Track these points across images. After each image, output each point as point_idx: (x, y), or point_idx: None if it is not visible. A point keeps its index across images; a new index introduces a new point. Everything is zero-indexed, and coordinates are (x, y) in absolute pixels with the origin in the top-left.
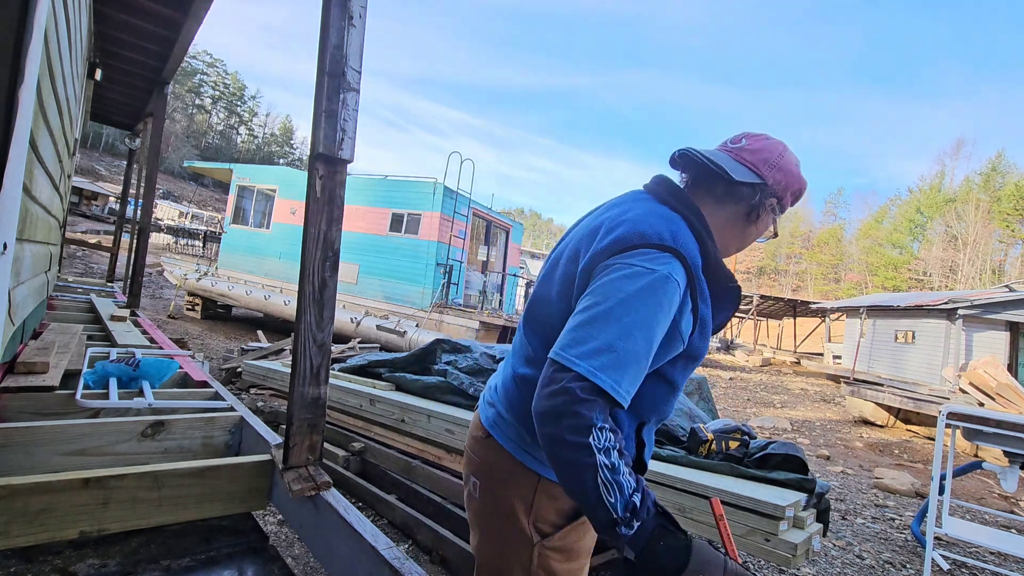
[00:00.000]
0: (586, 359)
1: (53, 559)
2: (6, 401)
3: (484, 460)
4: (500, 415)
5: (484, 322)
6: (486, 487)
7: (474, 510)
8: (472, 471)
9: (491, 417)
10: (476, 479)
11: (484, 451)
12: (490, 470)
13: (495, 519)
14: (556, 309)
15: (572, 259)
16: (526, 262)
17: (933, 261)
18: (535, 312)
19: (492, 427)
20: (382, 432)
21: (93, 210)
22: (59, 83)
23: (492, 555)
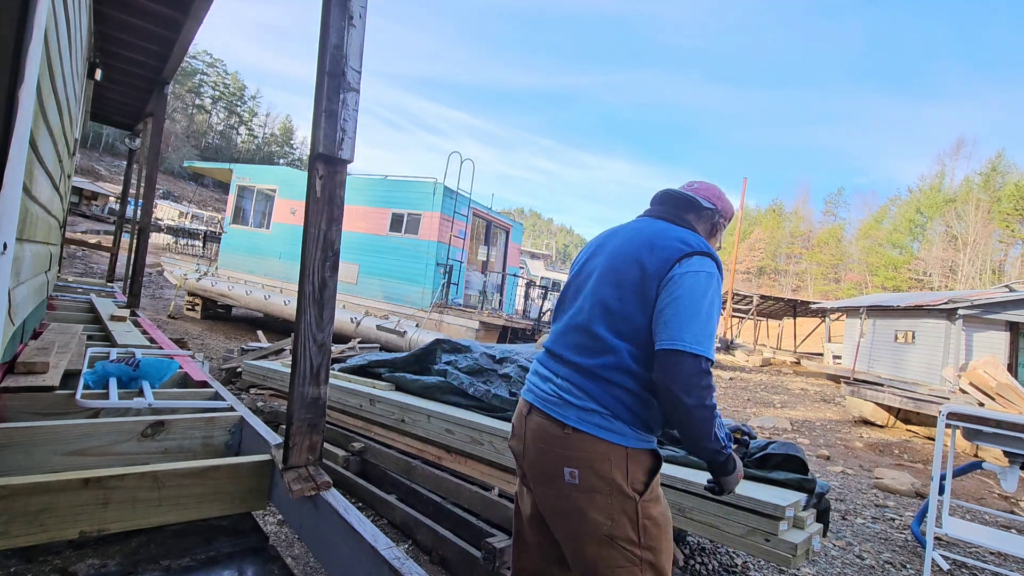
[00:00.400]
0: (706, 348)
1: (53, 559)
2: (6, 401)
3: (579, 450)
4: (585, 409)
5: (484, 322)
6: (587, 471)
7: (574, 494)
8: (566, 463)
9: (574, 414)
10: (574, 468)
11: (574, 443)
12: (588, 456)
13: (599, 494)
14: (634, 310)
15: (632, 270)
16: (526, 262)
17: (933, 261)
18: (608, 316)
19: (579, 422)
20: (382, 432)
21: (93, 210)
22: (59, 83)
23: (601, 523)
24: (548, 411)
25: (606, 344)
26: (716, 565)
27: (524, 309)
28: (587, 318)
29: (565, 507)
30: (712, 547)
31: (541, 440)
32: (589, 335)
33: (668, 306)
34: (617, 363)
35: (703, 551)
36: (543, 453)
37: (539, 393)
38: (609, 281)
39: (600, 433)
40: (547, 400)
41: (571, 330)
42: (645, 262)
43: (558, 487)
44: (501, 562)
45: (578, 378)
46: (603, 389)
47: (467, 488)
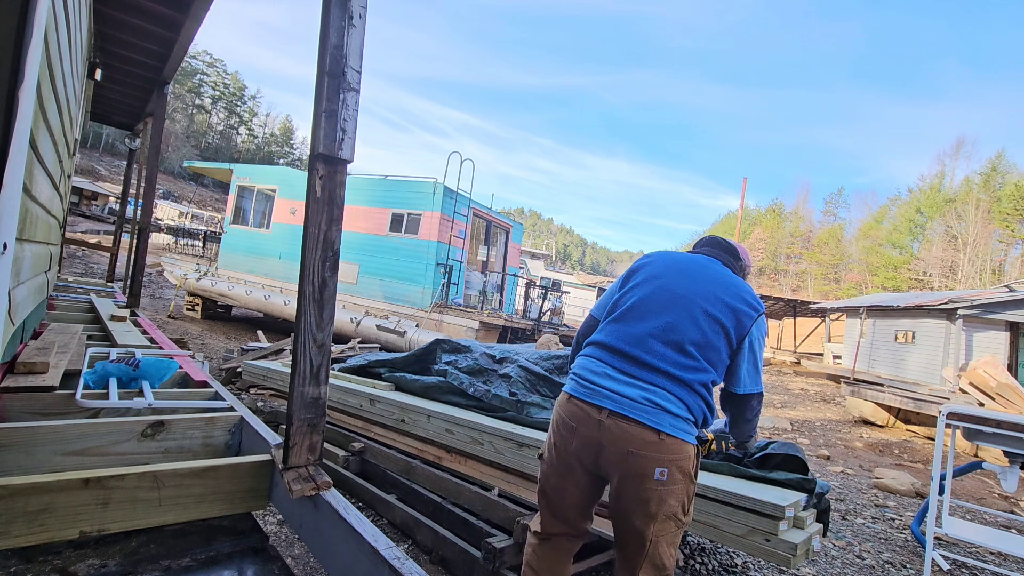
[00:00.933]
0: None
1: (53, 559)
2: (6, 401)
3: (670, 453)
4: (679, 417)
5: (484, 322)
6: (675, 469)
7: (660, 488)
8: (658, 464)
9: (668, 421)
10: (664, 468)
11: (665, 447)
12: (677, 458)
13: (679, 485)
14: (721, 346)
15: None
16: (526, 262)
17: (933, 261)
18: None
19: (672, 429)
20: (382, 432)
21: (93, 210)
22: (59, 83)
23: (674, 506)
24: (639, 418)
25: (701, 365)
26: (716, 565)
27: (524, 309)
28: (681, 338)
29: (648, 497)
30: (712, 547)
31: (631, 444)
32: (685, 354)
33: (746, 359)
34: (706, 381)
35: (703, 551)
36: (634, 456)
37: (618, 400)
38: (701, 310)
39: (686, 437)
40: (635, 407)
41: (658, 341)
42: (737, 309)
43: (647, 484)
44: (501, 562)
45: (672, 385)
46: (695, 400)
47: (467, 488)
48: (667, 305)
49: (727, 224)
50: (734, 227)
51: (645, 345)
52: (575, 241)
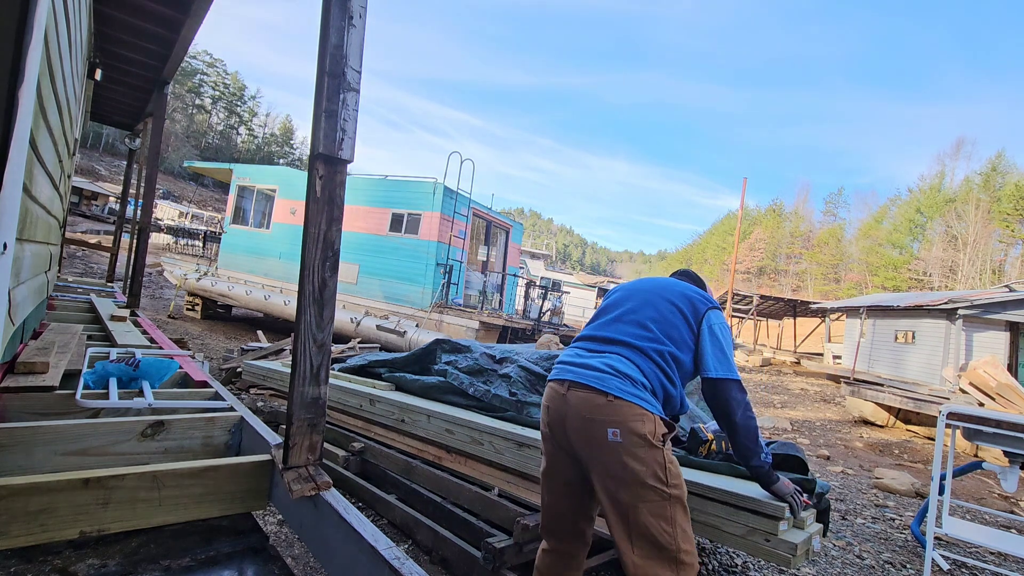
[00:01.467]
0: (736, 372)
1: (53, 559)
2: (6, 401)
3: (619, 413)
4: (627, 378)
5: (484, 322)
6: (628, 431)
7: (618, 450)
8: (608, 425)
9: (616, 385)
10: (615, 428)
11: (613, 408)
12: (626, 418)
13: (637, 447)
14: (680, 325)
15: (680, 301)
16: (526, 262)
17: (933, 261)
18: (659, 320)
19: (621, 392)
20: (382, 432)
21: (93, 210)
22: (59, 83)
23: (639, 470)
24: (590, 383)
25: (657, 336)
26: (716, 565)
27: (524, 309)
28: (640, 317)
29: (607, 461)
30: (712, 547)
31: (584, 410)
32: (643, 327)
33: (709, 342)
34: (662, 351)
35: (703, 551)
36: (587, 421)
37: (579, 371)
38: (660, 298)
39: (635, 400)
40: (589, 375)
41: (621, 323)
42: (693, 300)
43: (604, 447)
44: (501, 562)
45: (628, 352)
46: (648, 365)
47: (467, 488)
48: (628, 298)
49: (727, 224)
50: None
51: (609, 327)
52: (575, 241)
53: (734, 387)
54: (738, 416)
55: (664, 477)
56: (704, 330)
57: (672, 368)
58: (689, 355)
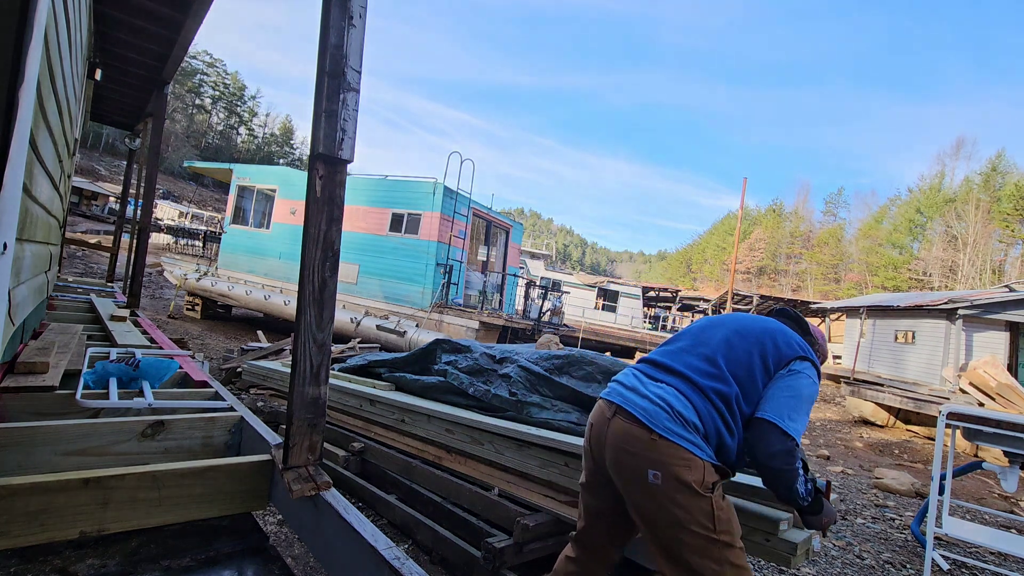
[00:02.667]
0: (797, 434)
1: (53, 559)
2: (6, 401)
3: (663, 454)
4: (679, 419)
5: (484, 322)
6: (670, 475)
7: (656, 493)
8: (650, 466)
9: (664, 423)
10: (656, 471)
11: (657, 448)
12: (670, 461)
13: (679, 494)
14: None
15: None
16: (526, 262)
17: (933, 261)
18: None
19: (667, 431)
20: (382, 432)
21: (93, 210)
22: (59, 83)
23: (680, 517)
24: (636, 414)
25: (722, 375)
26: None
27: (524, 309)
28: (710, 351)
29: (645, 503)
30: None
31: (625, 442)
32: (709, 362)
33: (781, 388)
34: (725, 393)
35: None
36: (626, 454)
37: (628, 397)
38: (743, 338)
39: (683, 443)
40: (638, 404)
41: (688, 353)
42: (779, 343)
43: (642, 486)
44: (501, 562)
45: (684, 386)
46: (706, 406)
47: (467, 488)
48: (706, 328)
49: (727, 224)
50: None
51: (675, 355)
52: (575, 241)
53: (776, 434)
54: (767, 455)
55: (711, 525)
56: (784, 374)
57: (733, 415)
58: (754, 398)
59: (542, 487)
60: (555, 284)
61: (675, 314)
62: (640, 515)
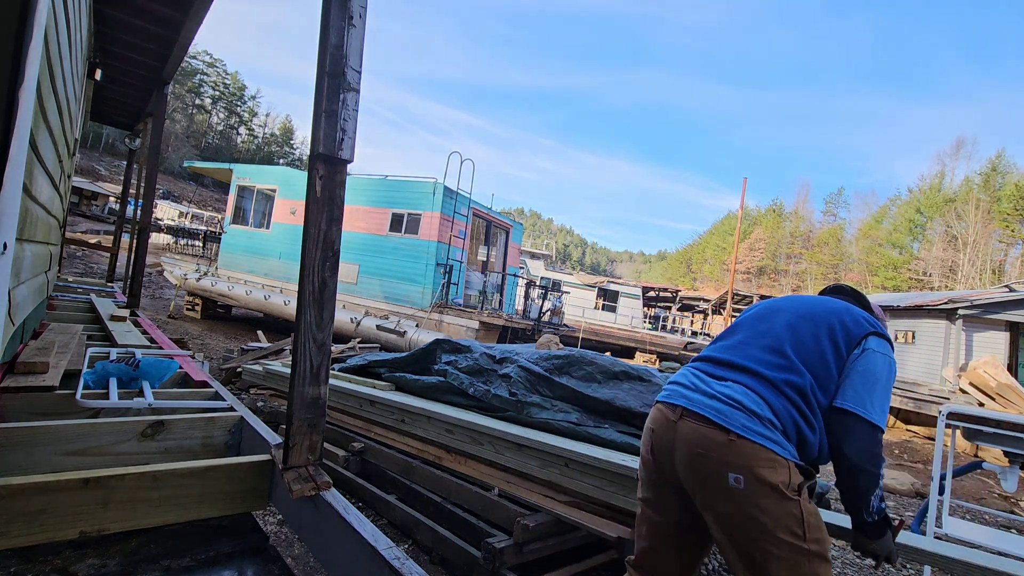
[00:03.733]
0: (882, 420)
1: (53, 559)
2: (6, 401)
3: (744, 456)
4: (754, 416)
5: (484, 322)
6: (752, 477)
7: (738, 498)
8: (730, 469)
9: (741, 422)
10: (738, 474)
11: (737, 449)
12: (752, 463)
13: (765, 498)
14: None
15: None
16: (526, 262)
17: (933, 261)
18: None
19: (746, 431)
20: (382, 432)
21: (93, 210)
22: (59, 83)
23: (766, 523)
24: (708, 415)
25: (793, 365)
26: (716, 565)
27: (524, 309)
28: (775, 340)
29: (729, 510)
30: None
31: (699, 446)
32: (777, 353)
33: (858, 372)
34: (799, 384)
35: None
36: (702, 459)
37: (693, 398)
38: (808, 321)
39: (764, 442)
40: (707, 404)
41: (750, 345)
42: (847, 322)
43: (723, 492)
44: (501, 562)
45: (754, 382)
46: (781, 402)
47: (467, 488)
48: (765, 317)
49: (727, 224)
50: (734, 227)
51: (736, 349)
52: (575, 241)
53: (864, 428)
54: (855, 451)
55: (801, 532)
56: (857, 355)
57: (811, 407)
58: (830, 385)
59: (542, 487)
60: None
61: (675, 314)
62: (720, 526)
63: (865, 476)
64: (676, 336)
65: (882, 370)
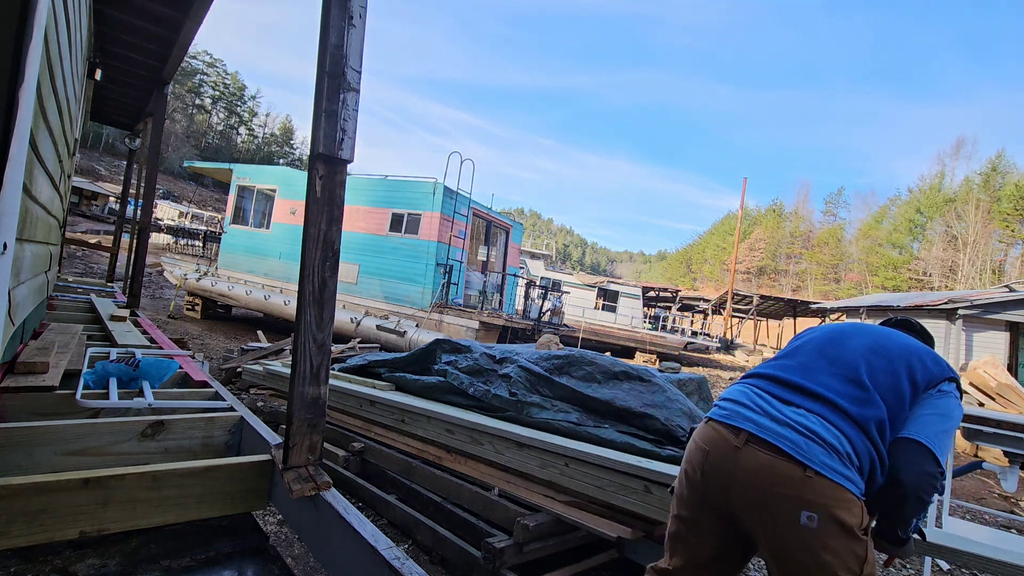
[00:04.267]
0: (944, 461)
1: (53, 559)
2: (6, 401)
3: (820, 494)
4: (834, 453)
5: (484, 322)
6: (828, 517)
7: (808, 538)
8: (804, 507)
9: (821, 458)
10: (812, 512)
11: (812, 487)
12: (829, 502)
13: (835, 538)
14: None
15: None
16: (526, 262)
17: (933, 261)
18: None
19: (825, 468)
20: (382, 432)
21: (93, 210)
22: (59, 83)
23: (833, 563)
24: (784, 447)
25: (873, 398)
26: None
27: (524, 309)
28: (851, 370)
29: (793, 547)
30: None
31: (769, 480)
32: (854, 383)
33: (930, 408)
34: (878, 419)
35: None
36: (771, 496)
37: (764, 424)
38: (881, 355)
39: (843, 482)
40: (781, 434)
41: (822, 372)
42: (927, 363)
43: (789, 527)
44: (501, 562)
45: (831, 413)
46: (861, 439)
47: (467, 488)
48: (834, 341)
49: (727, 224)
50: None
51: (808, 373)
52: (575, 241)
53: (928, 460)
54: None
55: (859, 570)
56: (933, 393)
57: (885, 443)
58: (902, 421)
59: (542, 487)
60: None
61: (675, 314)
62: (779, 563)
63: (915, 504)
64: (676, 336)
65: (955, 414)
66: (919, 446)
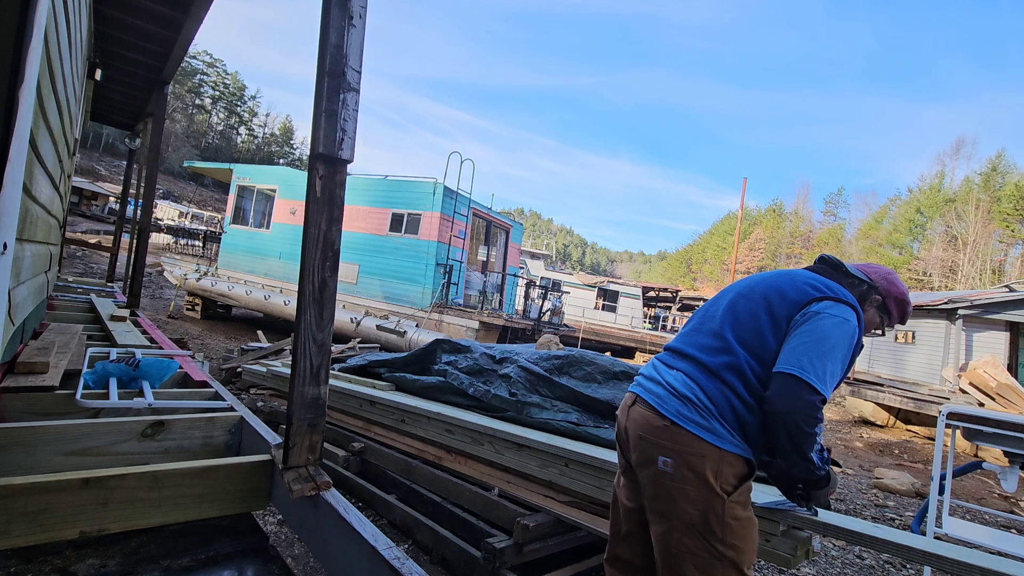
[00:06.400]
0: (824, 384)
1: (53, 559)
2: (6, 401)
3: (676, 442)
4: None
5: (484, 322)
6: (683, 464)
7: (667, 483)
8: (661, 452)
9: (675, 408)
10: (667, 458)
11: (670, 434)
12: (684, 450)
13: (690, 485)
14: (765, 328)
15: (772, 295)
16: (526, 262)
17: (933, 261)
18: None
19: (679, 418)
20: (382, 432)
21: (93, 210)
22: (59, 83)
23: (688, 512)
24: (650, 400)
25: (729, 346)
26: None
27: (524, 309)
28: (718, 324)
29: (655, 491)
30: None
31: (641, 428)
32: (716, 337)
33: (798, 336)
34: (734, 364)
35: None
36: (642, 441)
37: (645, 386)
38: (746, 298)
39: (696, 430)
40: (651, 391)
41: (699, 332)
42: (786, 291)
43: (653, 473)
44: (501, 562)
45: (691, 368)
46: (715, 387)
47: (467, 488)
48: (715, 301)
49: (727, 224)
50: (734, 227)
51: (687, 337)
52: (575, 241)
53: (798, 386)
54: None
55: (719, 532)
56: (796, 320)
57: (748, 386)
58: (769, 357)
59: (542, 487)
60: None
61: (675, 314)
62: (651, 512)
63: (794, 433)
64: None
65: (827, 332)
66: (785, 376)
